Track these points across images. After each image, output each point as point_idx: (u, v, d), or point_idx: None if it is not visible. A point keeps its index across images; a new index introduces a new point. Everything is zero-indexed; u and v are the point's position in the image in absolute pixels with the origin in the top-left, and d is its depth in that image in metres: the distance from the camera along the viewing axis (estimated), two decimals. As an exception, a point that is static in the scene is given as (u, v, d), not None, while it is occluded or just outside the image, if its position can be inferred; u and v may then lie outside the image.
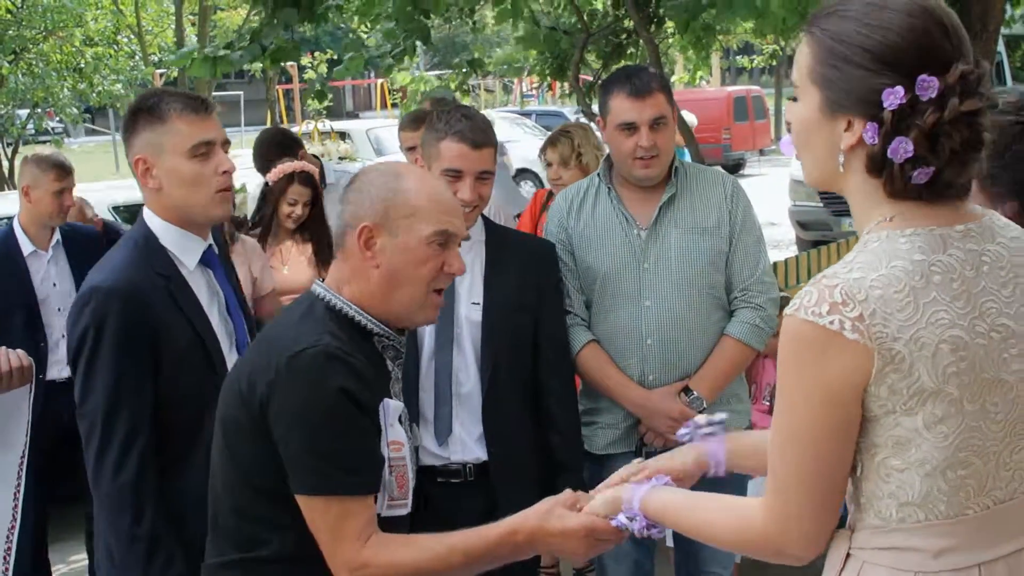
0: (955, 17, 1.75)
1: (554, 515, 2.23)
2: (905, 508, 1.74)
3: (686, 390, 3.45)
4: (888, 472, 1.74)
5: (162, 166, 2.78)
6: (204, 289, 2.87)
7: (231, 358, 2.83)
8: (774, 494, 1.80)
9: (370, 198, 2.32)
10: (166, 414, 2.71)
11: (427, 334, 3.23)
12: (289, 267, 4.94)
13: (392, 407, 2.30)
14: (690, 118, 9.83)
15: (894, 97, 1.68)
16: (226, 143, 2.87)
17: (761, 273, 3.51)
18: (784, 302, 4.54)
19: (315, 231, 5.01)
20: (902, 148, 1.69)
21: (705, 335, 3.48)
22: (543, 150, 5.36)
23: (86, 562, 5.26)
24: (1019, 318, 1.75)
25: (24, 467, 2.85)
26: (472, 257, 3.29)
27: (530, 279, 3.30)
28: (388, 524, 2.27)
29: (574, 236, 3.55)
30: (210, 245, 2.92)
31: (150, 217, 2.85)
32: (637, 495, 2.12)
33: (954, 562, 1.74)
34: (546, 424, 3.33)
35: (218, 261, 2.96)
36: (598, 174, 3.63)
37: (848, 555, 1.81)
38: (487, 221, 3.41)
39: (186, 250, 2.84)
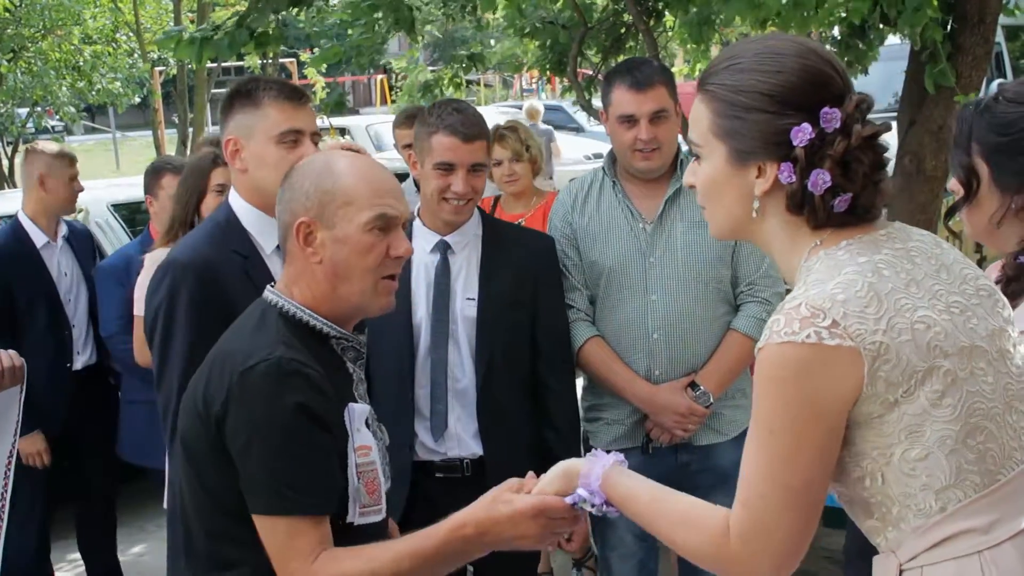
0: (834, 56, 1.86)
1: (500, 501, 2.13)
2: (944, 494, 1.75)
3: (692, 385, 3.44)
4: (912, 466, 1.75)
5: (250, 149, 2.86)
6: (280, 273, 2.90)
7: None
8: (747, 509, 1.79)
9: (304, 192, 2.24)
10: None
11: (423, 330, 3.23)
12: None
13: (358, 411, 2.23)
14: None
15: (803, 134, 1.77)
16: (316, 135, 2.93)
17: (767, 267, 3.49)
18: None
19: None
20: (820, 179, 1.76)
21: (711, 330, 3.47)
22: None
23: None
24: (964, 294, 1.81)
25: (12, 467, 2.84)
26: (468, 252, 3.28)
27: (527, 274, 3.29)
28: (364, 532, 2.22)
29: (579, 231, 3.53)
30: None
31: (234, 198, 2.92)
32: (596, 470, 2.04)
33: (1010, 528, 1.75)
34: (543, 420, 3.32)
35: None
36: (603, 168, 3.61)
37: (901, 572, 1.79)
38: (485, 216, 3.40)
39: (265, 233, 2.88)
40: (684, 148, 3.44)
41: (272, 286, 2.32)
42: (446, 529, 2.13)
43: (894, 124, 1.95)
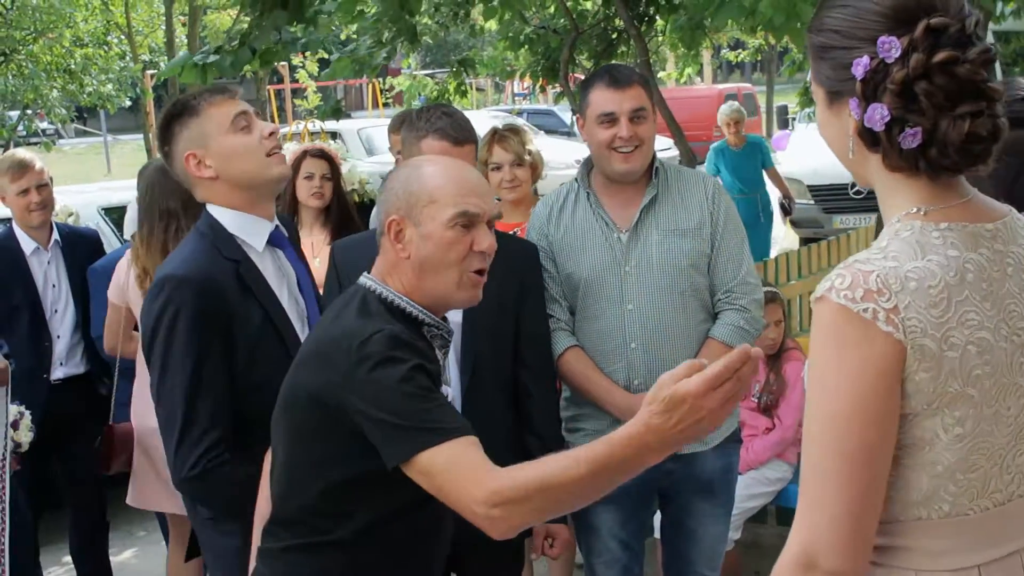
0: None
1: (670, 400, 1.95)
2: (909, 508, 1.72)
3: (673, 394, 3.43)
4: (895, 476, 1.71)
5: (211, 151, 2.85)
6: (272, 271, 2.91)
7: (304, 338, 2.84)
8: (806, 496, 1.69)
9: (395, 193, 2.40)
10: (243, 400, 2.73)
11: None
12: (320, 259, 4.72)
13: (445, 394, 2.33)
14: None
15: (860, 66, 1.69)
16: (257, 113, 2.95)
17: (745, 274, 3.48)
18: (770, 296, 4.57)
19: (340, 215, 4.98)
20: (877, 114, 1.68)
21: (689, 338, 3.44)
22: (486, 152, 4.71)
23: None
24: None
25: (7, 467, 2.85)
26: None
27: (512, 280, 3.29)
28: (436, 511, 2.29)
29: (555, 243, 3.52)
30: (277, 226, 2.97)
31: (212, 208, 2.90)
32: None
33: (955, 562, 1.72)
34: (526, 427, 3.32)
35: (287, 241, 3.01)
36: (576, 179, 3.59)
37: None
38: None
39: (253, 233, 2.88)
40: (673, 154, 3.43)
41: (367, 273, 2.43)
42: (625, 435, 2.02)
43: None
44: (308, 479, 2.31)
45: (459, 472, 2.12)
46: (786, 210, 10.59)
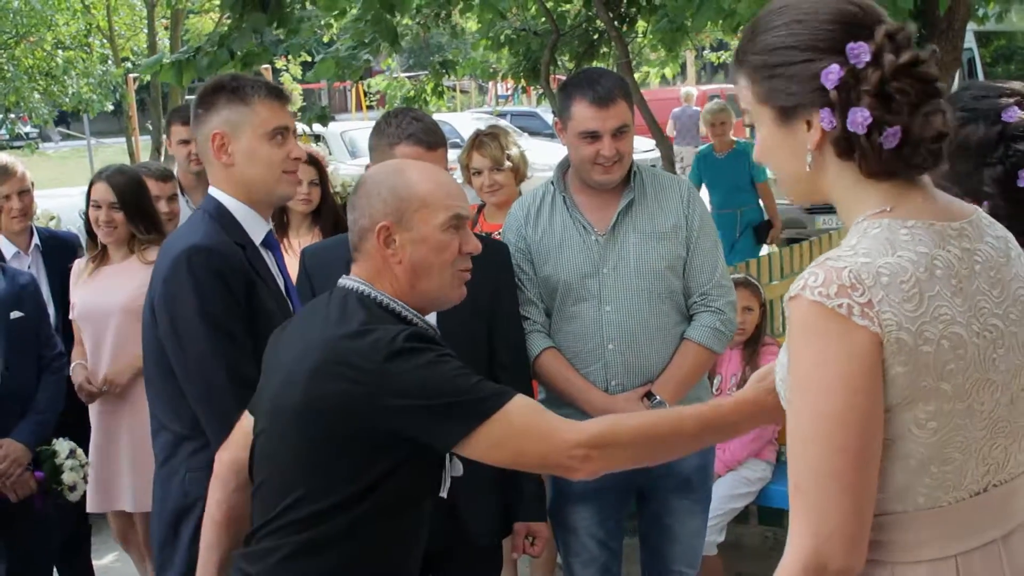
0: None
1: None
2: (885, 502, 1.72)
3: (649, 395, 3.44)
4: None
5: (239, 144, 2.89)
6: (267, 269, 2.95)
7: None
8: (806, 500, 1.68)
9: (381, 199, 2.39)
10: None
11: None
12: None
13: None
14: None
15: (833, 75, 1.71)
16: (295, 132, 3.01)
17: (719, 277, 3.52)
18: (741, 281, 4.57)
19: (329, 218, 4.96)
20: (860, 116, 1.69)
21: (666, 339, 3.47)
22: (466, 157, 4.81)
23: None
24: (1006, 318, 1.76)
25: None
26: None
27: (485, 282, 3.28)
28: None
29: (532, 245, 3.53)
30: (271, 229, 3.01)
31: (217, 193, 2.93)
32: None
33: (932, 552, 1.73)
34: None
35: (277, 247, 3.06)
36: (551, 181, 3.61)
37: None
38: None
39: (253, 226, 2.92)
40: (653, 157, 3.44)
41: (354, 277, 2.42)
42: (735, 402, 2.24)
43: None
44: (314, 485, 2.26)
45: (545, 421, 2.23)
46: (761, 236, 8.84)
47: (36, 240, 5.02)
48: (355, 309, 2.33)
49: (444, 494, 2.40)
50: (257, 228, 2.93)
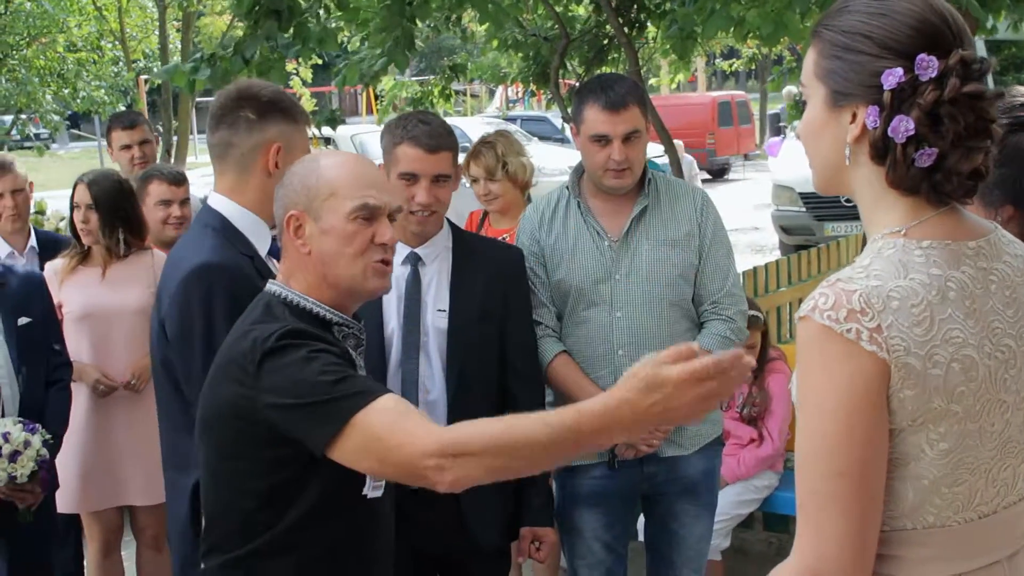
0: (955, 11, 1.77)
1: (651, 380, 1.87)
2: (895, 519, 1.73)
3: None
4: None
5: (285, 162, 2.79)
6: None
7: None
8: (807, 519, 1.69)
9: (293, 188, 2.39)
10: None
11: (394, 342, 3.23)
12: None
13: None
14: None
15: (893, 77, 1.70)
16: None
17: (731, 286, 3.53)
18: (751, 320, 4.56)
19: None
20: (903, 126, 1.69)
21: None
22: (465, 165, 4.79)
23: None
24: (1019, 338, 1.76)
25: None
26: (439, 264, 3.29)
27: (497, 287, 3.30)
28: (373, 507, 2.34)
29: (546, 249, 3.55)
30: (275, 237, 2.96)
31: (220, 203, 2.89)
32: None
33: (938, 571, 1.74)
34: None
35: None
36: (566, 186, 3.62)
37: None
38: (455, 228, 3.40)
39: (259, 237, 2.90)
40: (671, 162, 3.43)
41: (273, 280, 2.43)
42: (599, 405, 1.93)
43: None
44: (235, 495, 2.29)
45: (401, 427, 2.06)
46: None
47: (33, 242, 5.01)
48: (257, 312, 2.33)
49: (368, 492, 2.32)
50: (262, 239, 2.91)
